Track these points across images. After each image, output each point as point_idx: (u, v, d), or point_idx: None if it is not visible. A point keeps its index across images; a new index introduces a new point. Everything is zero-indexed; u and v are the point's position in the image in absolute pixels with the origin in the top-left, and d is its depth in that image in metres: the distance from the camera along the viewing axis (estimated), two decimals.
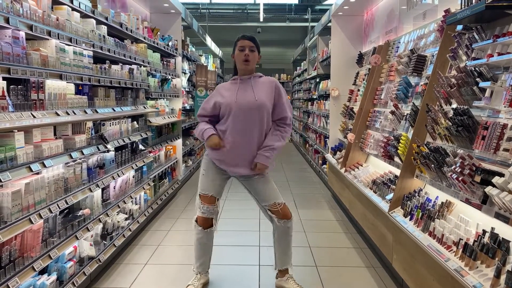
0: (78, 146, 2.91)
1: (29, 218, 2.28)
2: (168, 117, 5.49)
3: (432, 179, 2.79)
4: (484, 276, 1.99)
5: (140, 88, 4.35)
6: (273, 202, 2.79)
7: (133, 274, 3.19)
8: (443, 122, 2.69)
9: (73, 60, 2.90)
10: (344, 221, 4.60)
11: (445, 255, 2.30)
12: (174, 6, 5.89)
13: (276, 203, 2.79)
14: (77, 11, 3.10)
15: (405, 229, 2.77)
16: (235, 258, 3.11)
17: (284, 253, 2.91)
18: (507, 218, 1.94)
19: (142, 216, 4.09)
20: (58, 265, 2.62)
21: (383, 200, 3.44)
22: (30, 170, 2.30)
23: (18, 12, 2.31)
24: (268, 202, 2.80)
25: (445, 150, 2.62)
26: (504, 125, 2.11)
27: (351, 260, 3.51)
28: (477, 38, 2.58)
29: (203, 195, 2.81)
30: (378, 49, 4.88)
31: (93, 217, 3.07)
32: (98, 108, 3.25)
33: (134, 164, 3.95)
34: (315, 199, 5.69)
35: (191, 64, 7.75)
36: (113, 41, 3.68)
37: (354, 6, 5.81)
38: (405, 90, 3.69)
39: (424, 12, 3.91)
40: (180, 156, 6.26)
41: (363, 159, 4.78)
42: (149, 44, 4.89)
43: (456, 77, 2.58)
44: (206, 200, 2.80)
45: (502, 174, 2.03)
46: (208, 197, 2.80)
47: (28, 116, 2.31)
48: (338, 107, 6.16)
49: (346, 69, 6.21)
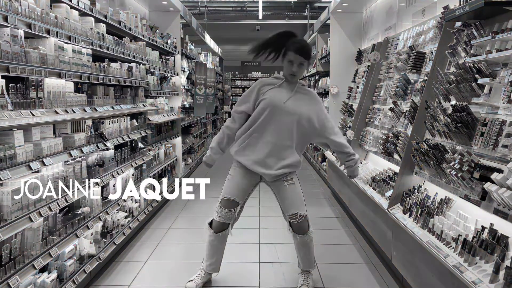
0: (78, 144, 2.91)
1: (29, 216, 2.29)
2: (167, 115, 5.49)
3: (431, 175, 2.80)
4: (483, 272, 2.00)
5: (139, 86, 4.35)
6: (295, 212, 2.72)
7: (133, 272, 3.20)
8: (442, 118, 2.69)
9: (72, 58, 2.89)
10: (344, 218, 4.61)
11: (444, 251, 2.30)
12: (173, 4, 5.88)
13: (298, 214, 2.72)
14: (76, 9, 3.10)
15: (404, 225, 2.78)
16: (235, 256, 3.12)
17: (305, 258, 2.90)
18: (506, 214, 1.94)
19: (142, 214, 4.10)
20: (58, 263, 2.63)
21: (383, 197, 3.45)
22: (30, 169, 2.30)
23: (16, 10, 2.30)
24: (290, 212, 2.73)
25: (444, 147, 2.62)
26: (502, 121, 2.12)
27: (350, 257, 3.52)
28: (476, 34, 2.58)
29: (225, 199, 2.73)
30: (377, 46, 4.88)
31: (93, 215, 3.08)
32: (97, 106, 3.24)
33: (133, 162, 3.95)
34: (315, 197, 5.70)
35: (190, 62, 7.74)
36: (112, 39, 3.68)
37: (353, 3, 5.80)
38: (404, 87, 3.69)
39: (423, 9, 3.91)
40: (180, 154, 6.27)
41: (362, 156, 4.79)
42: (148, 42, 4.89)
43: (455, 73, 2.59)
44: (227, 204, 2.72)
45: (501, 170, 2.04)
46: (230, 201, 2.71)
47: (27, 115, 2.31)
48: (338, 104, 6.16)
49: (345, 66, 6.21)
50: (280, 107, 2.61)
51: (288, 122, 2.62)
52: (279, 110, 2.61)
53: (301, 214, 2.72)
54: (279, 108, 2.61)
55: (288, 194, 2.72)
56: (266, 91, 2.67)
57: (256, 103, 2.68)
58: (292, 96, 2.66)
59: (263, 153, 2.63)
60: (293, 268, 3.24)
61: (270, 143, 2.63)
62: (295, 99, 2.66)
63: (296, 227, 2.76)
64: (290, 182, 2.72)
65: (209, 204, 4.27)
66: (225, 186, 2.77)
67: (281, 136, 2.63)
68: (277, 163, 2.65)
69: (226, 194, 2.73)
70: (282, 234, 4.12)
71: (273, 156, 2.64)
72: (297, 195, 2.74)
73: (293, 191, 2.73)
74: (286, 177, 2.72)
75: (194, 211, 4.87)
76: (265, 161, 2.64)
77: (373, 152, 4.24)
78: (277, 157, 2.65)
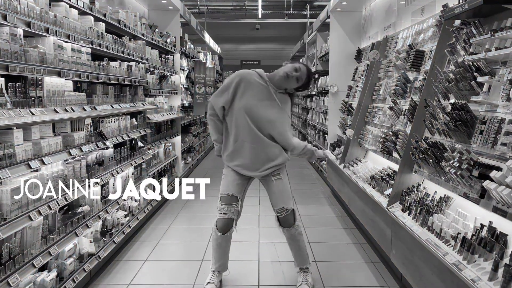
0: (77, 143, 2.91)
1: (29, 215, 2.29)
2: (167, 114, 5.49)
3: (431, 174, 2.80)
4: (482, 269, 2.01)
5: (139, 85, 4.35)
6: (281, 206, 2.79)
7: (133, 270, 3.20)
8: (441, 117, 2.69)
9: (71, 57, 2.89)
10: (343, 217, 4.61)
11: (443, 249, 2.31)
12: (172, 2, 5.88)
13: (284, 208, 2.78)
14: (75, 8, 3.10)
15: (403, 224, 2.78)
16: (235, 254, 3.12)
17: (297, 255, 2.93)
18: (504, 212, 1.95)
19: (141, 213, 4.10)
20: (58, 262, 2.63)
21: (382, 195, 3.45)
22: (29, 167, 2.31)
23: (15, 9, 2.30)
24: (277, 206, 2.80)
25: (443, 145, 2.62)
26: (501, 119, 2.12)
27: (350, 256, 3.53)
28: (475, 32, 2.58)
29: (223, 195, 2.78)
30: (376, 44, 4.88)
31: (92, 214, 3.08)
32: (96, 105, 3.24)
33: (133, 161, 3.95)
34: (314, 195, 5.70)
35: (189, 61, 7.74)
36: (111, 38, 3.67)
37: (352, 2, 5.80)
38: (404, 85, 3.69)
39: (422, 7, 3.91)
40: (179, 153, 6.27)
41: (362, 154, 4.79)
42: (147, 41, 4.88)
43: (454, 72, 2.59)
44: (227, 200, 2.77)
45: (499, 168, 2.04)
46: (229, 196, 2.76)
47: (27, 113, 2.31)
48: (337, 103, 6.16)
49: (345, 65, 6.21)
50: (258, 114, 2.66)
51: (267, 127, 2.68)
52: (258, 116, 2.66)
53: (288, 208, 2.79)
54: (257, 114, 2.65)
55: (275, 189, 2.79)
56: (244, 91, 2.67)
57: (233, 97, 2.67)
58: (271, 101, 2.70)
59: (249, 158, 2.71)
60: (293, 266, 3.24)
61: (254, 148, 2.69)
62: (272, 106, 2.70)
63: (282, 220, 2.83)
64: (277, 178, 2.79)
65: (209, 203, 4.29)
66: (221, 185, 2.83)
67: (263, 140, 2.69)
68: (264, 165, 2.73)
69: (224, 191, 2.79)
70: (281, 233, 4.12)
71: (259, 159, 2.72)
72: (284, 190, 2.80)
73: (280, 186, 2.79)
74: (273, 173, 2.78)
75: (194, 210, 4.87)
76: (251, 166, 2.74)
77: (372, 150, 4.24)
78: (264, 159, 2.73)
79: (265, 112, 2.67)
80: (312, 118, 8.55)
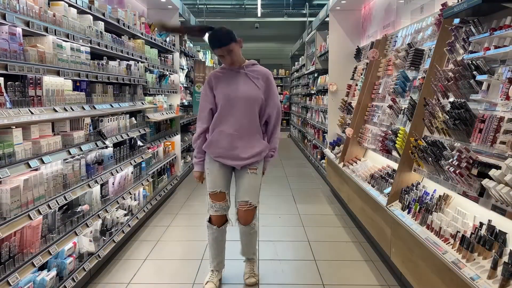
0: (77, 142, 2.91)
1: (28, 214, 2.29)
2: (166, 113, 5.49)
3: (430, 172, 2.80)
4: (481, 268, 2.01)
5: (138, 84, 4.35)
6: (246, 200, 2.77)
7: (133, 269, 3.21)
8: (440, 115, 2.69)
9: (71, 56, 2.89)
10: (343, 216, 4.62)
11: (442, 247, 2.31)
12: (171, 1, 5.87)
13: (249, 201, 2.77)
14: (74, 7, 3.09)
15: (403, 222, 2.79)
16: (234, 253, 3.12)
17: (247, 247, 2.97)
18: (503, 210, 1.95)
19: (141, 212, 4.10)
20: (58, 261, 2.63)
21: (381, 194, 3.45)
22: (29, 167, 2.31)
23: (14, 8, 2.30)
24: (241, 198, 2.79)
25: (443, 144, 2.63)
26: (500, 118, 2.12)
27: (349, 254, 3.53)
28: (474, 31, 2.58)
29: (211, 193, 2.79)
30: (376, 43, 4.87)
31: (92, 213, 3.08)
32: (96, 104, 3.24)
33: (132, 160, 3.95)
34: (314, 194, 5.71)
35: (189, 60, 7.73)
36: (110, 37, 3.67)
37: (352, 1, 5.79)
38: (403, 84, 3.69)
39: (421, 6, 3.91)
40: (179, 152, 6.27)
41: (361, 153, 4.79)
42: (147, 40, 4.88)
43: (453, 70, 2.59)
44: (216, 197, 2.79)
45: (499, 166, 2.04)
46: (217, 193, 2.78)
47: (26, 113, 2.31)
48: (336, 102, 6.16)
49: (344, 63, 6.21)
50: (232, 97, 2.68)
51: (243, 109, 2.69)
52: (232, 99, 2.68)
53: (252, 203, 2.79)
54: (231, 98, 2.68)
55: (246, 181, 2.78)
56: (217, 84, 2.74)
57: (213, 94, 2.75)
58: (242, 81, 2.71)
59: (229, 145, 2.71)
60: (292, 265, 3.25)
61: (232, 135, 2.70)
62: (244, 84, 2.71)
63: (242, 215, 2.82)
64: (253, 171, 2.78)
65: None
66: (207, 182, 2.83)
67: (242, 125, 2.70)
68: (245, 152, 2.72)
69: (211, 189, 2.79)
70: (281, 231, 4.13)
71: (239, 146, 2.71)
72: (255, 186, 2.80)
73: (252, 181, 2.78)
74: (251, 166, 2.78)
75: (193, 209, 4.88)
76: (232, 153, 2.72)
77: (371, 149, 4.24)
78: (244, 146, 2.72)
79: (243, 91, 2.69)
80: (312, 117, 8.55)
